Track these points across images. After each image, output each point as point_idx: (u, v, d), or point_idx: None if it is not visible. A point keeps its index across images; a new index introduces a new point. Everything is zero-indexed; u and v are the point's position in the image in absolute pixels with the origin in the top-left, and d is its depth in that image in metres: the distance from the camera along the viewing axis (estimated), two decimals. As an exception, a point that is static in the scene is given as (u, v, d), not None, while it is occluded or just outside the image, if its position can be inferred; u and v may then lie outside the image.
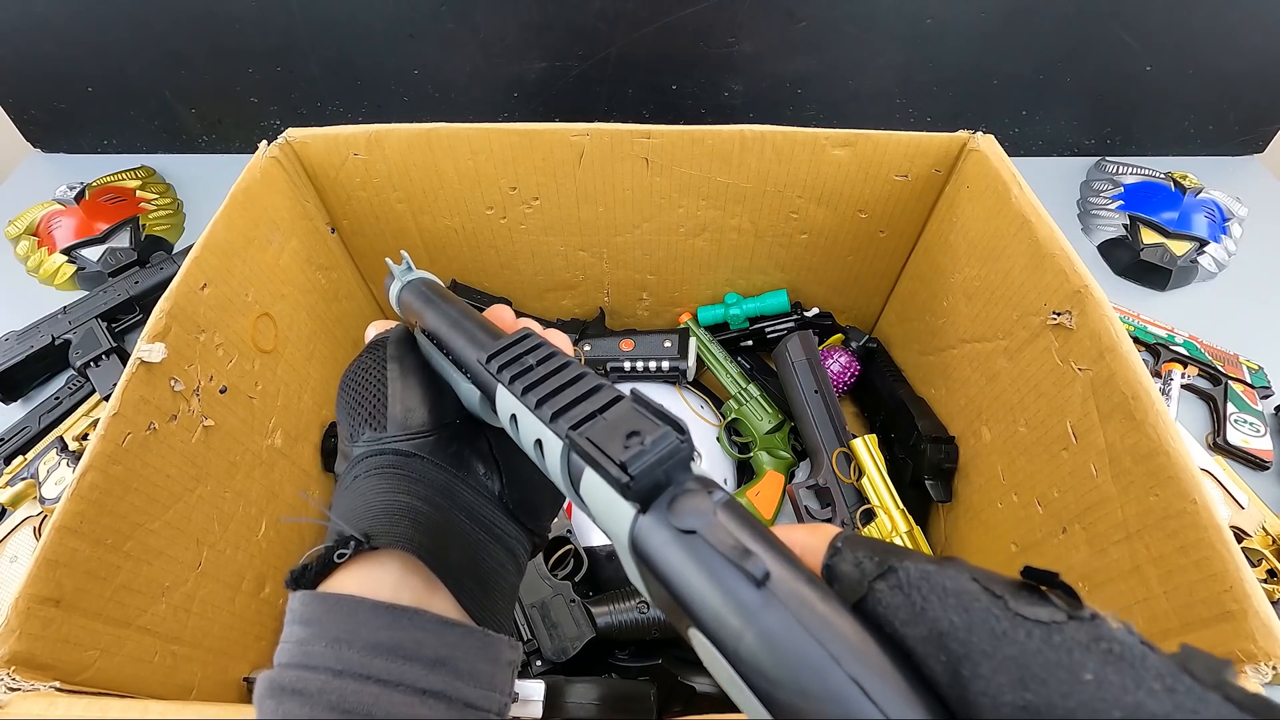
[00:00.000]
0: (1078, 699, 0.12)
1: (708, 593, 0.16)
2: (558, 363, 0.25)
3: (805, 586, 0.16)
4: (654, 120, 0.59)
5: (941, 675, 0.14)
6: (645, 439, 0.19)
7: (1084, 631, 0.13)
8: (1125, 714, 0.11)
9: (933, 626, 0.14)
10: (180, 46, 0.90)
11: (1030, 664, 0.13)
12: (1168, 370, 0.77)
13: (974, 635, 0.14)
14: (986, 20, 0.87)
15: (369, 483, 0.29)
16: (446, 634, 0.24)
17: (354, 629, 0.23)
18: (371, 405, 0.32)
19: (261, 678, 0.23)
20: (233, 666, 0.50)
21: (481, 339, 0.29)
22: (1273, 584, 0.61)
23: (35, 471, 0.66)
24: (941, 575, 0.15)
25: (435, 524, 0.28)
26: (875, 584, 0.16)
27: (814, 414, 0.66)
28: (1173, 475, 0.38)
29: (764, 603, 0.15)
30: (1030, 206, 0.50)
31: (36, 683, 0.34)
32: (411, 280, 0.38)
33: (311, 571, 0.25)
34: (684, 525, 0.17)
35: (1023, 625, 0.13)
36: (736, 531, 0.17)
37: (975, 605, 0.14)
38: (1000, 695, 0.13)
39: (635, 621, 0.55)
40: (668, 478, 0.19)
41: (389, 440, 0.30)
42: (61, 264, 0.86)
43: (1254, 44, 0.89)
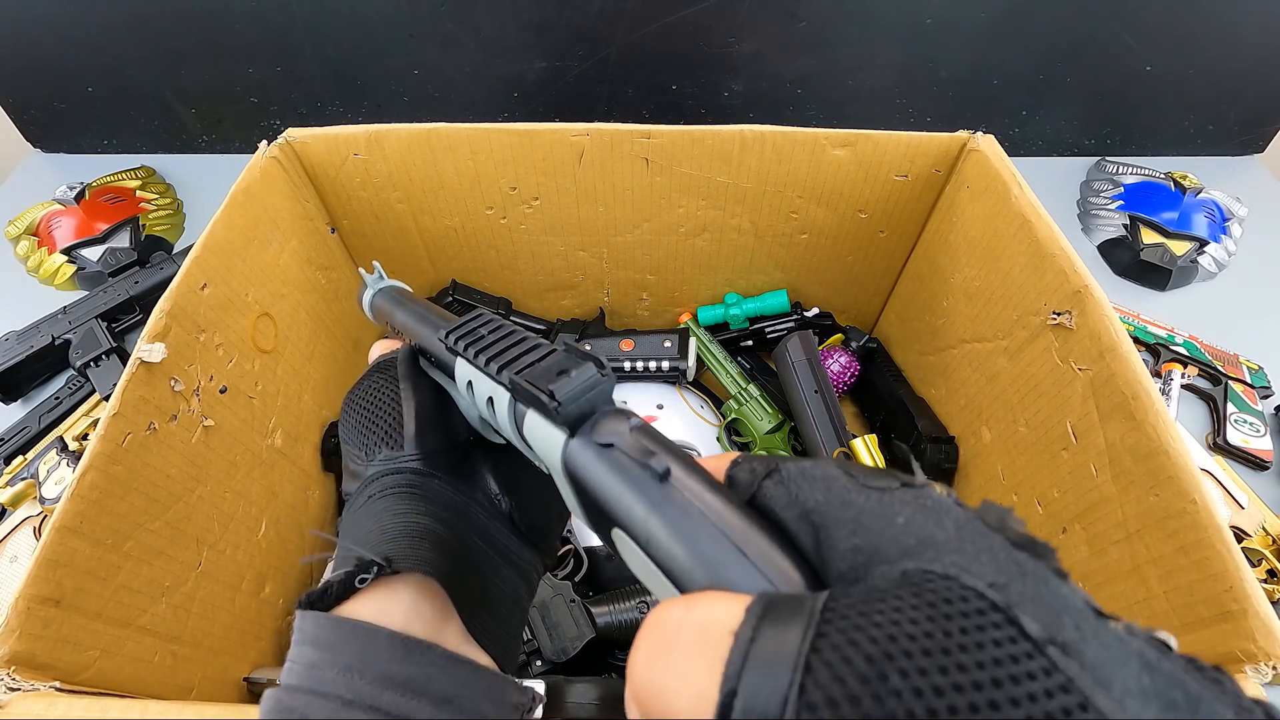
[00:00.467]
0: (888, 535, 0.15)
1: (621, 490, 0.19)
2: (505, 331, 0.27)
3: (700, 482, 0.19)
4: (654, 120, 0.59)
5: (808, 543, 0.17)
6: (571, 373, 0.22)
7: (910, 494, 0.16)
8: (918, 542, 0.14)
9: (802, 507, 0.17)
10: (180, 46, 0.90)
11: (862, 518, 0.16)
12: (1168, 370, 0.77)
13: (829, 506, 0.16)
14: (986, 20, 0.87)
15: (386, 503, 0.29)
16: (455, 672, 0.25)
17: (367, 659, 0.23)
18: (387, 424, 0.32)
19: (269, 695, 0.23)
20: (233, 666, 0.50)
21: (441, 324, 0.31)
22: (1273, 584, 0.61)
23: (35, 471, 0.66)
24: (814, 468, 0.18)
25: (453, 548, 0.28)
26: (763, 482, 0.18)
27: (814, 414, 0.66)
28: (1173, 475, 0.38)
29: (665, 494, 0.18)
30: (1030, 206, 0.50)
31: (36, 683, 0.34)
32: (383, 287, 0.39)
33: (332, 595, 0.25)
34: (604, 440, 0.21)
35: (864, 493, 0.16)
36: (646, 442, 0.20)
37: (835, 485, 0.17)
38: (839, 544, 0.16)
39: (635, 621, 0.55)
40: (591, 406, 0.22)
41: (406, 460, 0.31)
42: (61, 264, 0.86)
43: (1254, 44, 0.89)
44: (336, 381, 0.68)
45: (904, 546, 0.14)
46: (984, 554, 0.14)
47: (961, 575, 0.13)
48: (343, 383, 0.69)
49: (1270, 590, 0.60)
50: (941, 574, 0.13)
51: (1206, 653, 0.35)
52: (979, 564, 0.13)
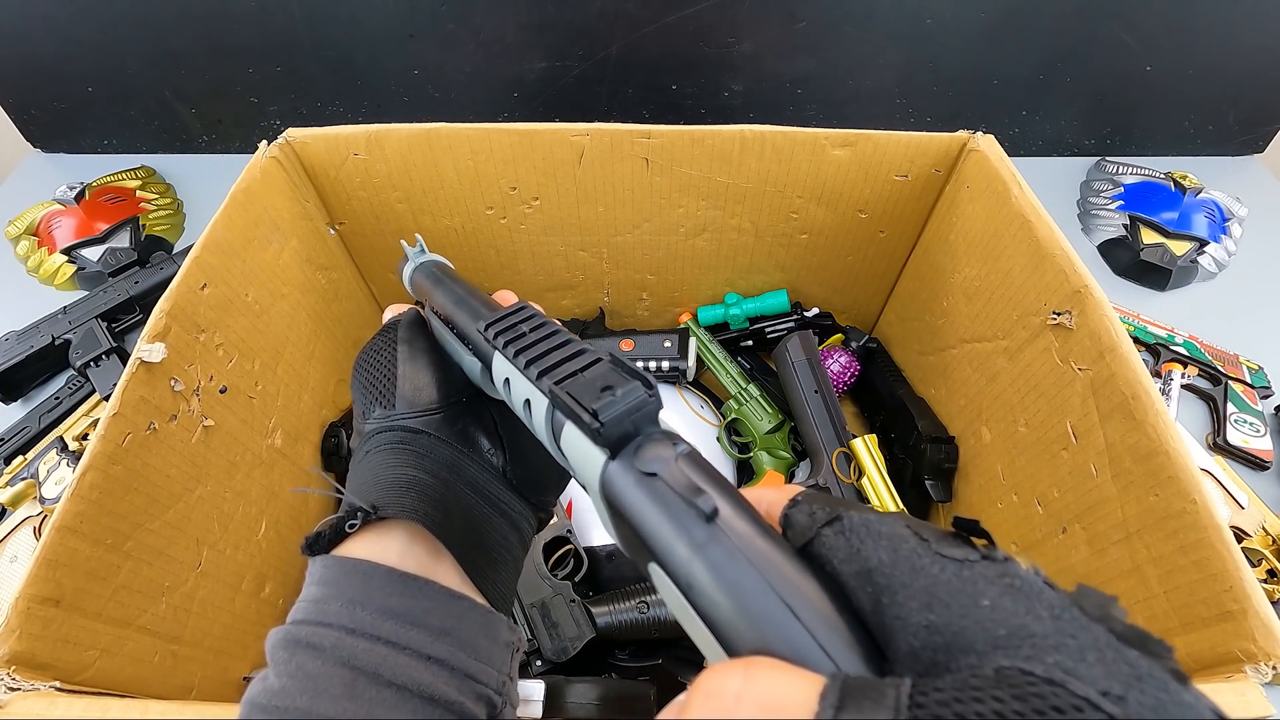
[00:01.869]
0: (973, 619, 0.13)
1: (663, 526, 0.18)
2: (548, 330, 0.26)
3: (750, 525, 0.17)
4: (654, 120, 0.59)
5: (866, 604, 0.15)
6: (617, 391, 0.21)
7: (993, 569, 0.14)
8: (1009, 632, 0.13)
9: (864, 564, 0.16)
10: (180, 46, 0.90)
11: (938, 591, 0.14)
12: (1168, 370, 0.76)
13: (896, 570, 0.15)
14: (986, 20, 0.87)
15: (379, 457, 0.31)
16: (451, 606, 0.26)
17: (368, 592, 0.24)
18: (383, 384, 0.33)
19: (275, 631, 0.24)
20: (233, 666, 0.50)
21: (482, 311, 0.31)
22: (1273, 584, 0.61)
23: (35, 471, 0.66)
24: (879, 523, 0.17)
25: (441, 496, 0.29)
26: (823, 530, 0.17)
27: (814, 414, 0.66)
28: (1173, 475, 0.38)
29: (711, 535, 0.17)
30: (1030, 206, 0.50)
31: (36, 682, 0.34)
32: (423, 262, 0.40)
33: (325, 539, 0.27)
34: (647, 469, 0.19)
35: (939, 561, 0.15)
36: (693, 475, 0.19)
37: (903, 546, 0.16)
38: (910, 617, 0.14)
39: (635, 621, 0.55)
40: (636, 428, 0.21)
41: (398, 417, 0.32)
42: (61, 264, 0.86)
43: (1254, 44, 0.89)
44: (336, 381, 0.68)
45: (993, 636, 0.13)
46: (1090, 653, 0.12)
47: (1069, 681, 0.12)
48: (343, 383, 0.69)
49: (1270, 590, 0.60)
50: (1045, 678, 0.12)
51: (1207, 653, 0.35)
52: (1086, 665, 0.12)
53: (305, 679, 0.22)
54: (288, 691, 0.22)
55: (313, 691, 0.22)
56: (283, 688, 0.22)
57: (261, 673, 0.24)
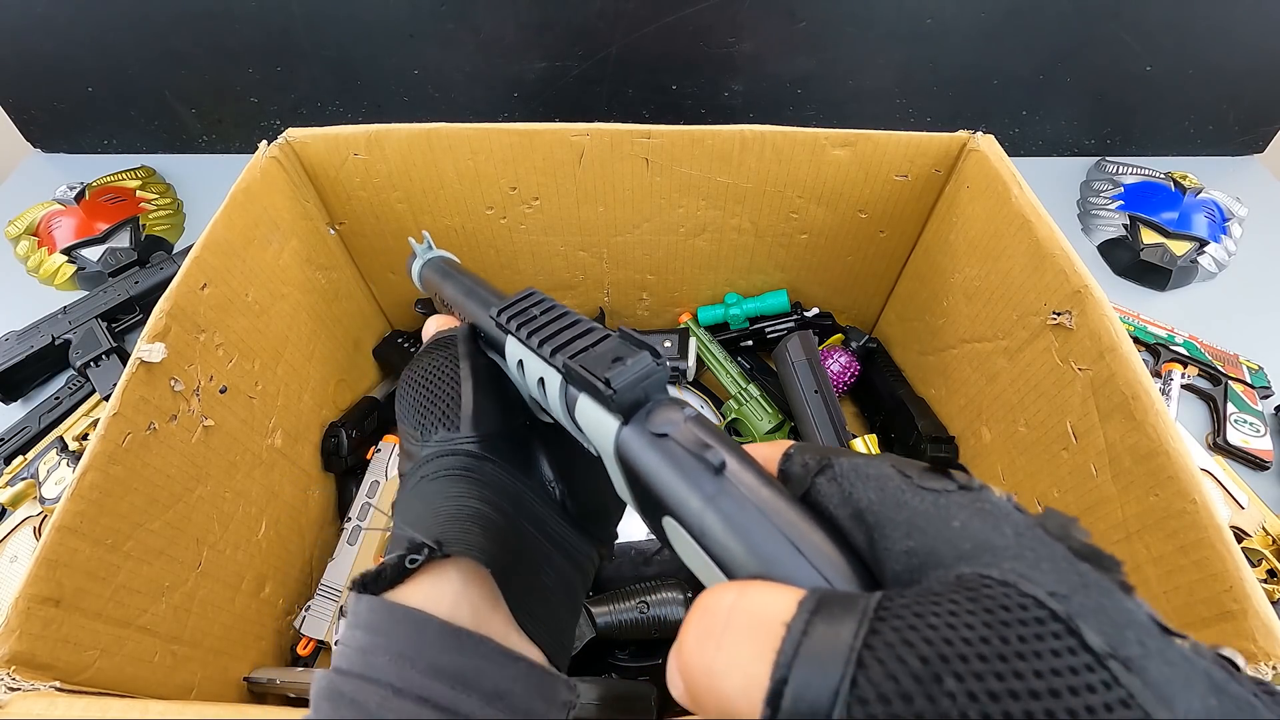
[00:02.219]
0: (944, 538, 0.15)
1: (676, 481, 0.19)
2: (558, 312, 0.27)
3: (755, 476, 0.19)
4: (654, 120, 0.59)
5: (862, 542, 0.16)
6: (627, 361, 0.22)
7: (967, 497, 0.15)
8: (974, 546, 0.14)
9: (856, 505, 0.17)
10: (180, 46, 0.90)
11: (917, 520, 0.15)
12: (1168, 370, 0.76)
13: (884, 506, 0.16)
14: (986, 20, 0.87)
15: (439, 485, 0.29)
16: (508, 667, 0.24)
17: (419, 647, 0.23)
18: (445, 404, 0.31)
19: (320, 676, 0.23)
20: (233, 666, 0.50)
21: (492, 300, 0.31)
22: (1273, 584, 0.61)
23: (35, 471, 0.66)
24: (867, 465, 0.18)
25: (504, 533, 0.28)
26: (816, 478, 0.18)
27: (814, 414, 0.66)
28: (1173, 475, 0.38)
29: (720, 486, 0.18)
30: (1030, 206, 0.50)
31: (36, 682, 0.34)
32: (432, 258, 0.40)
33: (386, 578, 0.25)
34: (658, 430, 0.21)
35: (919, 494, 0.16)
36: (701, 434, 0.20)
37: (889, 484, 0.17)
38: (894, 545, 0.15)
39: (635, 621, 0.55)
40: (646, 395, 0.22)
41: (461, 441, 0.30)
42: (61, 264, 0.86)
43: (1254, 44, 0.89)
44: (336, 381, 0.68)
45: (960, 551, 0.14)
46: (1044, 562, 0.13)
47: (1020, 582, 0.13)
48: (343, 383, 0.70)
49: (1270, 590, 0.60)
50: (999, 580, 0.13)
51: (1206, 653, 0.35)
52: (1039, 572, 0.13)
53: None
54: None
55: None
56: None
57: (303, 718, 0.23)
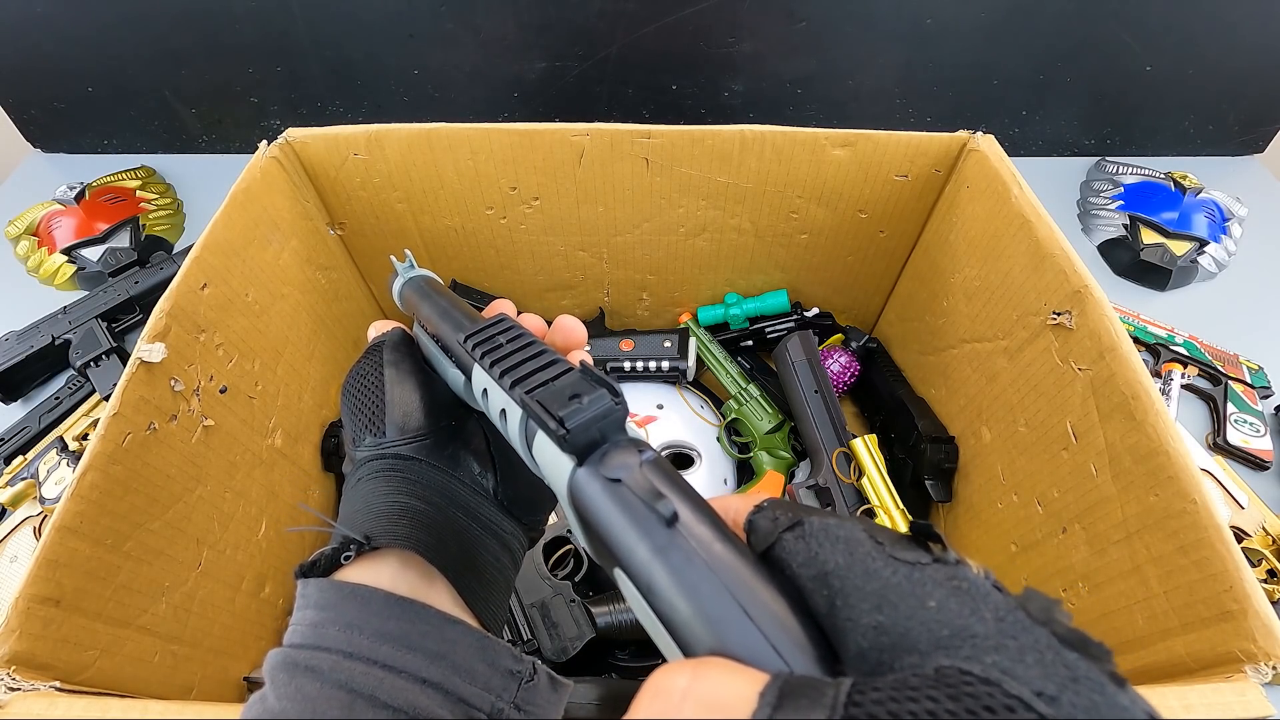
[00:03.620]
0: (918, 619, 0.14)
1: (626, 531, 0.19)
2: (524, 342, 0.27)
3: (709, 530, 0.18)
4: (654, 120, 0.59)
5: (822, 607, 0.16)
6: (584, 399, 0.22)
7: (943, 572, 0.15)
8: (952, 632, 0.13)
9: (821, 567, 0.16)
10: (180, 46, 0.90)
11: (888, 593, 0.15)
12: (1168, 370, 0.76)
13: (851, 572, 0.15)
14: (986, 20, 0.87)
15: (369, 486, 0.31)
16: (447, 630, 0.26)
17: (365, 617, 0.25)
18: (371, 410, 0.33)
19: (273, 653, 0.25)
20: (233, 666, 0.50)
21: (464, 324, 0.31)
22: (1273, 584, 0.61)
23: (35, 471, 0.66)
24: (838, 527, 0.17)
25: (433, 521, 0.30)
26: (784, 534, 0.17)
27: (814, 414, 0.66)
28: (1173, 475, 0.38)
29: (670, 540, 0.18)
30: (1030, 206, 0.50)
31: (36, 682, 0.34)
32: (413, 277, 0.40)
33: (320, 568, 0.27)
34: (611, 475, 0.20)
35: (891, 564, 0.15)
36: (655, 481, 0.19)
37: (858, 549, 0.16)
38: (860, 618, 0.15)
39: (635, 621, 0.55)
40: (602, 435, 0.21)
41: (388, 445, 0.32)
42: (61, 264, 0.86)
43: (1254, 44, 0.89)
44: (336, 381, 0.68)
45: (936, 636, 0.13)
46: (1029, 654, 0.12)
47: (1004, 681, 0.12)
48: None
49: (1270, 590, 0.60)
50: (981, 677, 0.12)
51: (1207, 653, 0.35)
52: (1024, 666, 0.12)
53: (304, 701, 0.23)
54: (287, 713, 0.23)
55: (312, 714, 0.23)
56: (282, 709, 0.23)
57: (259, 693, 0.24)
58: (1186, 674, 0.36)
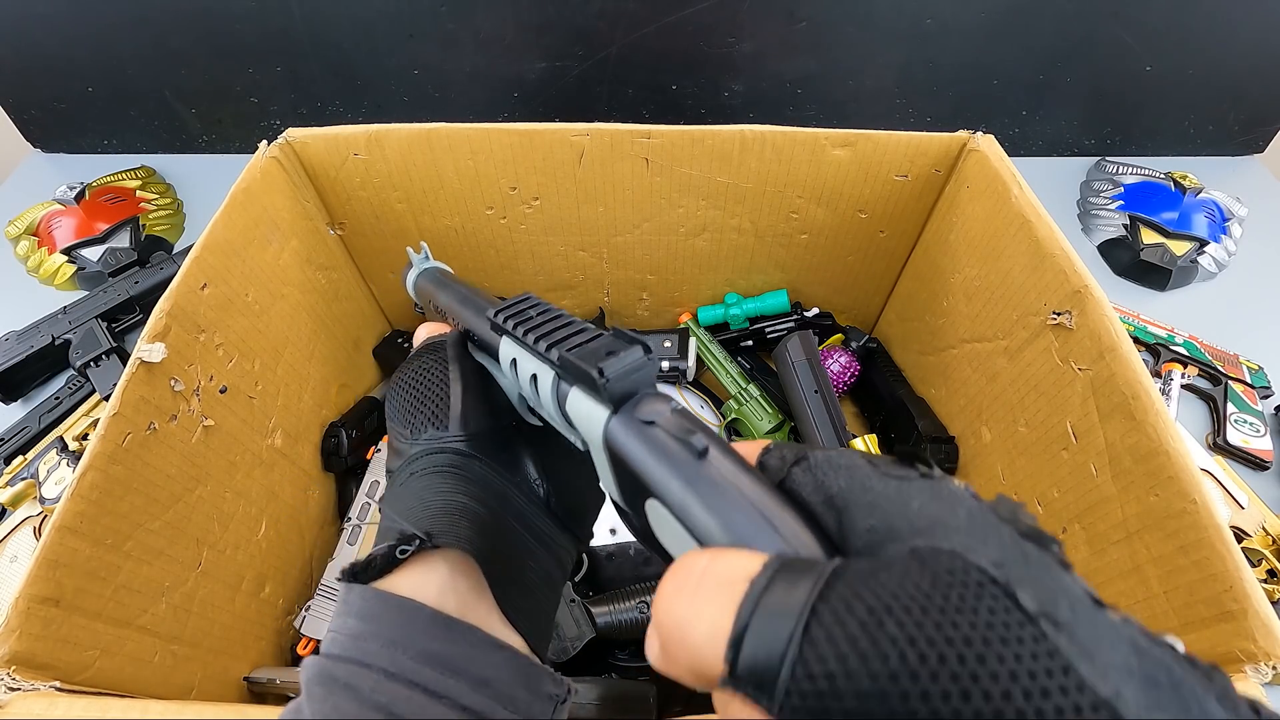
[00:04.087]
0: (902, 517, 0.16)
1: (661, 465, 0.21)
2: (554, 314, 0.29)
3: (734, 462, 0.20)
4: (654, 120, 0.59)
5: (831, 525, 0.17)
6: (620, 354, 0.24)
7: (926, 483, 0.17)
8: (928, 524, 0.15)
9: (827, 492, 0.18)
10: (180, 46, 0.90)
11: (880, 501, 0.17)
12: (1168, 370, 0.76)
13: (851, 491, 0.17)
14: (986, 20, 0.87)
15: (428, 481, 0.30)
16: (493, 655, 0.26)
17: (410, 634, 0.24)
18: (434, 404, 0.33)
19: (310, 662, 0.24)
20: (233, 666, 0.50)
21: (487, 305, 0.32)
22: (1273, 584, 0.61)
23: (35, 471, 0.66)
24: (840, 456, 0.19)
25: (489, 526, 0.29)
26: (792, 469, 0.19)
27: (814, 414, 0.66)
28: (1173, 475, 0.38)
29: (702, 469, 0.20)
30: (1030, 206, 0.50)
31: (36, 682, 0.34)
32: (428, 268, 0.41)
33: (375, 568, 0.26)
34: (645, 418, 0.22)
35: (884, 480, 0.17)
36: (685, 422, 0.22)
37: (857, 473, 0.18)
38: (858, 524, 0.17)
39: (635, 621, 0.55)
40: (635, 387, 0.23)
41: (450, 440, 0.31)
42: (61, 264, 0.86)
43: (1254, 44, 0.89)
44: (336, 381, 0.68)
45: (916, 528, 0.15)
46: (991, 539, 0.14)
47: (966, 553, 0.14)
48: (346, 387, 0.69)
49: (1270, 590, 0.60)
50: (947, 551, 0.14)
51: (1206, 652, 0.35)
52: (985, 546, 0.14)
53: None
54: None
55: None
56: None
57: (295, 703, 0.24)
58: (1186, 674, 0.36)
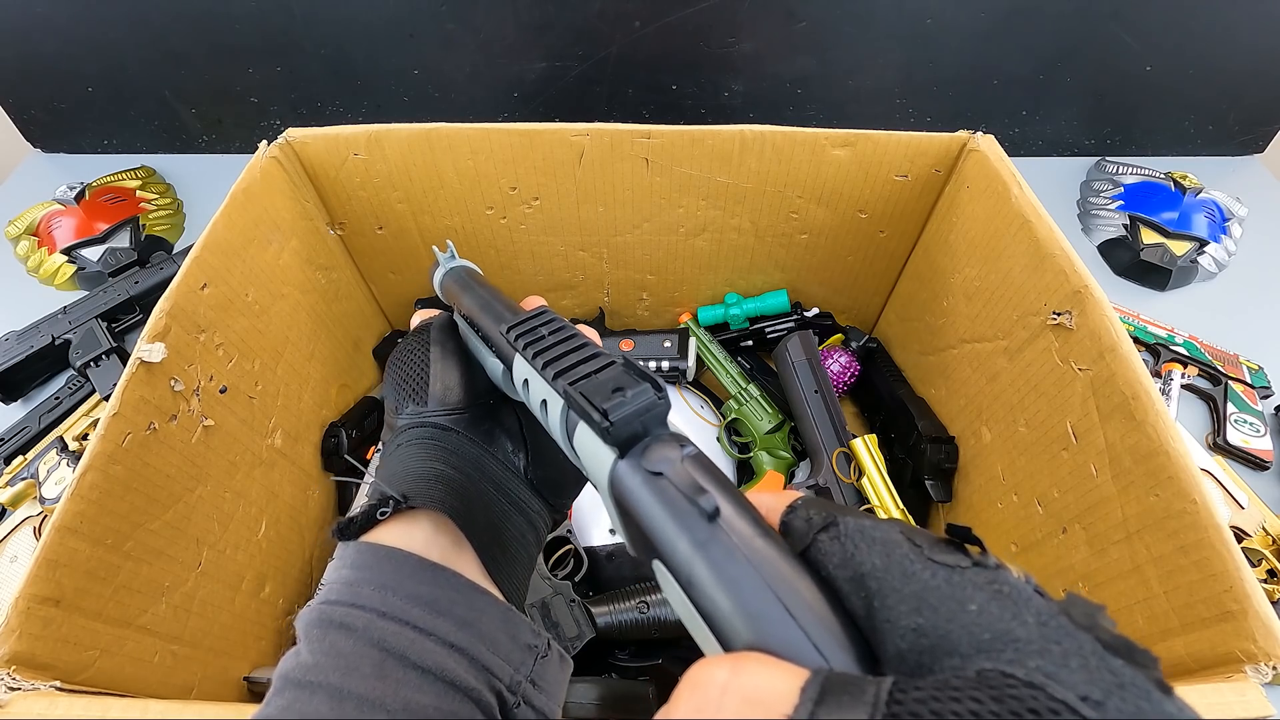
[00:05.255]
0: (959, 622, 0.13)
1: (667, 524, 0.19)
2: (566, 334, 0.27)
3: (750, 526, 0.18)
4: (654, 120, 0.59)
5: (859, 608, 0.15)
6: (627, 393, 0.22)
7: (983, 576, 0.14)
8: (994, 636, 0.13)
9: (858, 568, 0.16)
10: (180, 46, 0.90)
11: (927, 595, 0.14)
12: (1168, 370, 0.76)
13: (889, 574, 0.15)
14: (986, 20, 0.87)
15: (409, 451, 0.32)
16: (474, 599, 0.27)
17: (399, 579, 0.26)
18: (415, 382, 0.35)
19: (307, 610, 0.26)
20: (233, 666, 0.50)
21: (505, 315, 0.32)
22: (1273, 584, 0.61)
23: (35, 471, 0.66)
24: (874, 529, 0.17)
25: (465, 490, 0.31)
26: (819, 535, 0.17)
27: (814, 414, 0.66)
28: (1173, 475, 0.38)
29: (712, 534, 0.18)
30: (1030, 206, 0.50)
31: (37, 682, 0.34)
32: (454, 267, 0.41)
33: (356, 525, 0.28)
34: (653, 468, 0.20)
35: (930, 567, 0.15)
36: (697, 476, 0.19)
37: (896, 551, 0.16)
38: (899, 620, 0.14)
39: (635, 621, 0.55)
40: (644, 428, 0.22)
41: (429, 415, 0.34)
42: (61, 264, 0.86)
43: (1254, 44, 0.89)
44: (336, 381, 0.68)
45: (978, 640, 0.13)
46: (1073, 659, 0.12)
47: (1049, 685, 0.12)
48: (346, 387, 0.69)
49: (1270, 590, 0.60)
50: (1025, 680, 0.12)
51: (1207, 653, 0.35)
52: (1068, 671, 0.12)
53: (338, 657, 0.24)
54: (321, 667, 0.24)
55: (344, 669, 0.24)
56: (316, 663, 0.24)
57: (293, 649, 0.25)
58: (1187, 674, 0.36)
